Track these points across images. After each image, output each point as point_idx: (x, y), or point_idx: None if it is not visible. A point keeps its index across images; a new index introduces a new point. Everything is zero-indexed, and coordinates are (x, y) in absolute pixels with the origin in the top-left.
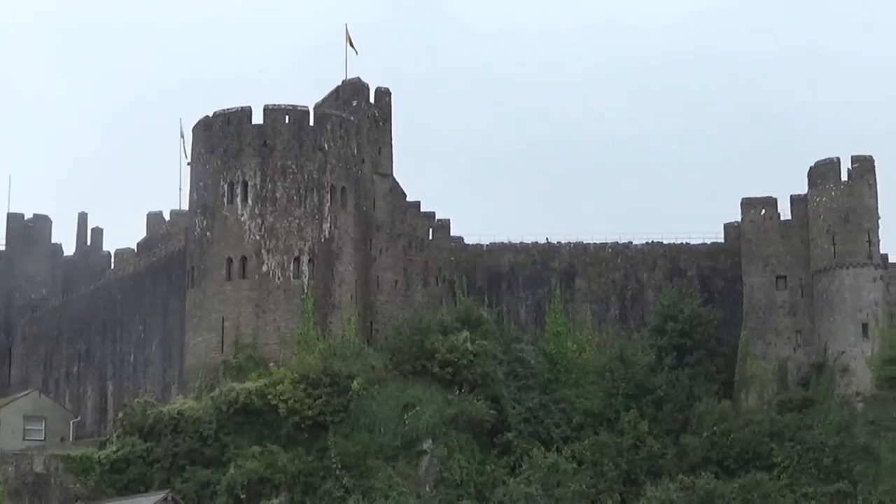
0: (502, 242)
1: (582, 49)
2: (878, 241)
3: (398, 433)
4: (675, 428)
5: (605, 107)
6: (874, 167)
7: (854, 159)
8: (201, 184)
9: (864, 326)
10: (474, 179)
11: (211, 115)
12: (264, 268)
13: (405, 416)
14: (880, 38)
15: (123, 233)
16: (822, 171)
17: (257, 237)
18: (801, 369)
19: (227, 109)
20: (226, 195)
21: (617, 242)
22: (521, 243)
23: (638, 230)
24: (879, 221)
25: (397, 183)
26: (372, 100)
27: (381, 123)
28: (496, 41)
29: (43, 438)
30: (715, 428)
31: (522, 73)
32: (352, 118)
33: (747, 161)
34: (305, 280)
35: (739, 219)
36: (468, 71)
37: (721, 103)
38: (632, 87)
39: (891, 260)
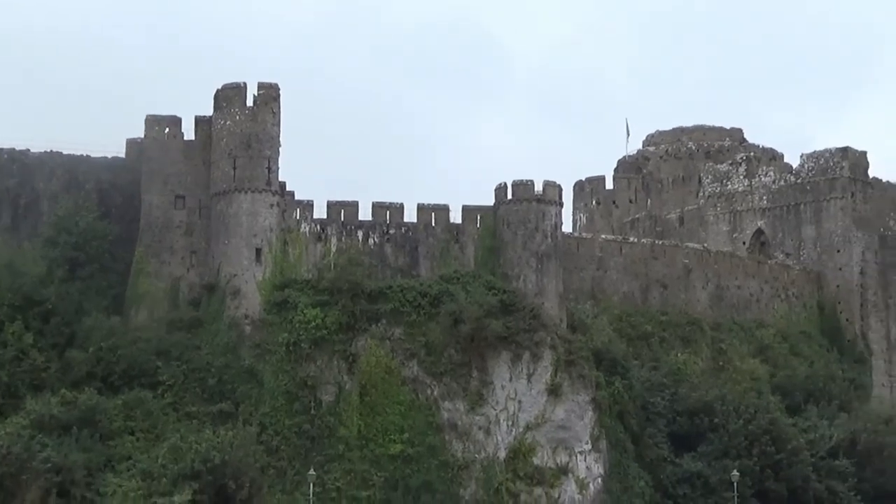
0: None
1: None
2: (278, 168)
3: None
4: (62, 342)
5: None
6: (279, 95)
7: (260, 86)
8: None
9: (258, 251)
10: None
11: None
12: None
13: None
14: None
15: None
16: (229, 95)
17: None
18: (194, 289)
19: None
20: None
21: (14, 149)
22: None
23: (36, 137)
24: (280, 149)
25: None
26: None
27: None
28: None
29: None
30: (102, 343)
31: None
32: None
33: (156, 78)
34: None
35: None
36: None
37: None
38: None
39: (288, 188)
